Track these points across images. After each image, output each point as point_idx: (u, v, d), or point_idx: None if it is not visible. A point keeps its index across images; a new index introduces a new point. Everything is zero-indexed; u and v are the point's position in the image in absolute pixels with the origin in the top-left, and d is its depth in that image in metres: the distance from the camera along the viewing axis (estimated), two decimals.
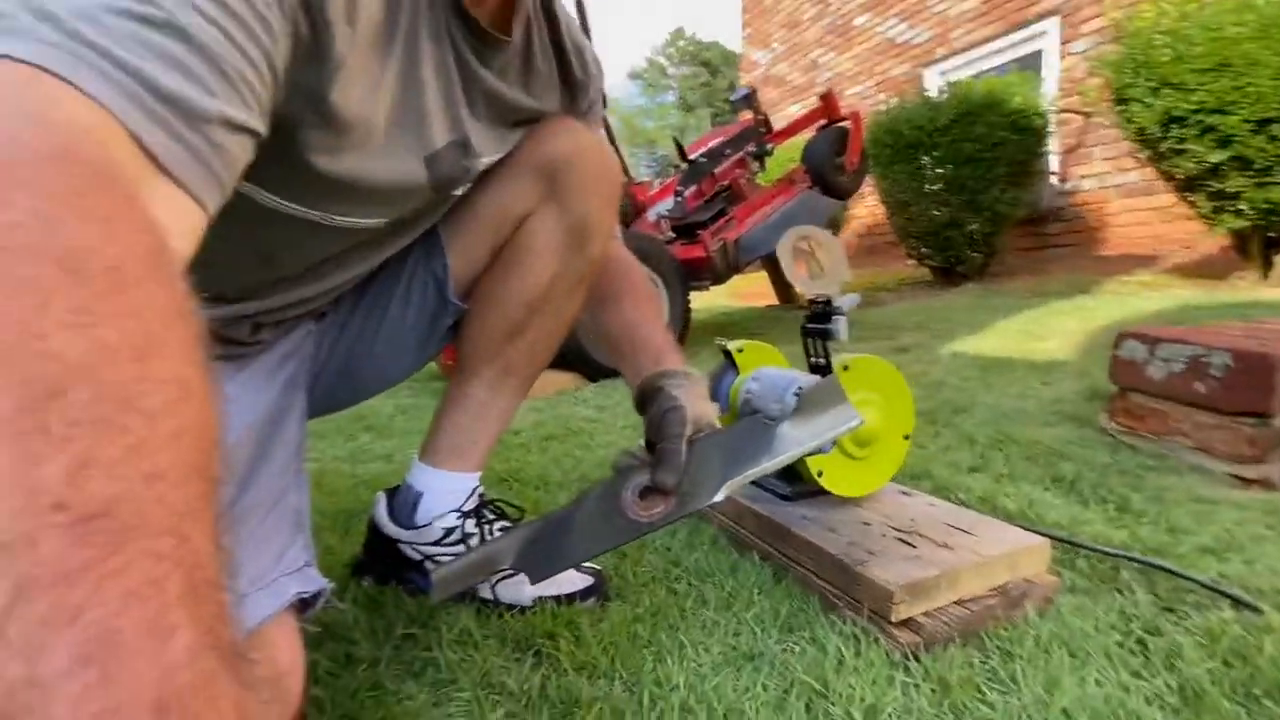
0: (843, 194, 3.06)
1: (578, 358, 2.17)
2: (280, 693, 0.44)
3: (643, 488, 0.54)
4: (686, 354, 0.75)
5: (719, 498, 0.54)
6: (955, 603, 0.65)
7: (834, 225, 5.38)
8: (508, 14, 0.57)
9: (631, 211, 2.69)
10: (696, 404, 0.61)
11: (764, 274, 4.09)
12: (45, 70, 0.26)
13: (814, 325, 0.80)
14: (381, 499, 0.76)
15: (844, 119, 3.03)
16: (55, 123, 0.25)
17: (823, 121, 3.09)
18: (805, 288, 0.79)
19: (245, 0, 0.33)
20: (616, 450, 1.36)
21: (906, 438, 0.85)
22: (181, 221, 0.30)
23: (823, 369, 0.80)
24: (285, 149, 0.44)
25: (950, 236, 3.74)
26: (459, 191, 0.64)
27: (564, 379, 2.22)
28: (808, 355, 0.83)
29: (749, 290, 5.47)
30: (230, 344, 0.59)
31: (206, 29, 0.31)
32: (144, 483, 0.17)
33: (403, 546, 0.74)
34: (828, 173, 2.92)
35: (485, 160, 0.62)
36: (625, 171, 2.62)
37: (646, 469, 0.55)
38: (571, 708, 0.53)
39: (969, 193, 3.56)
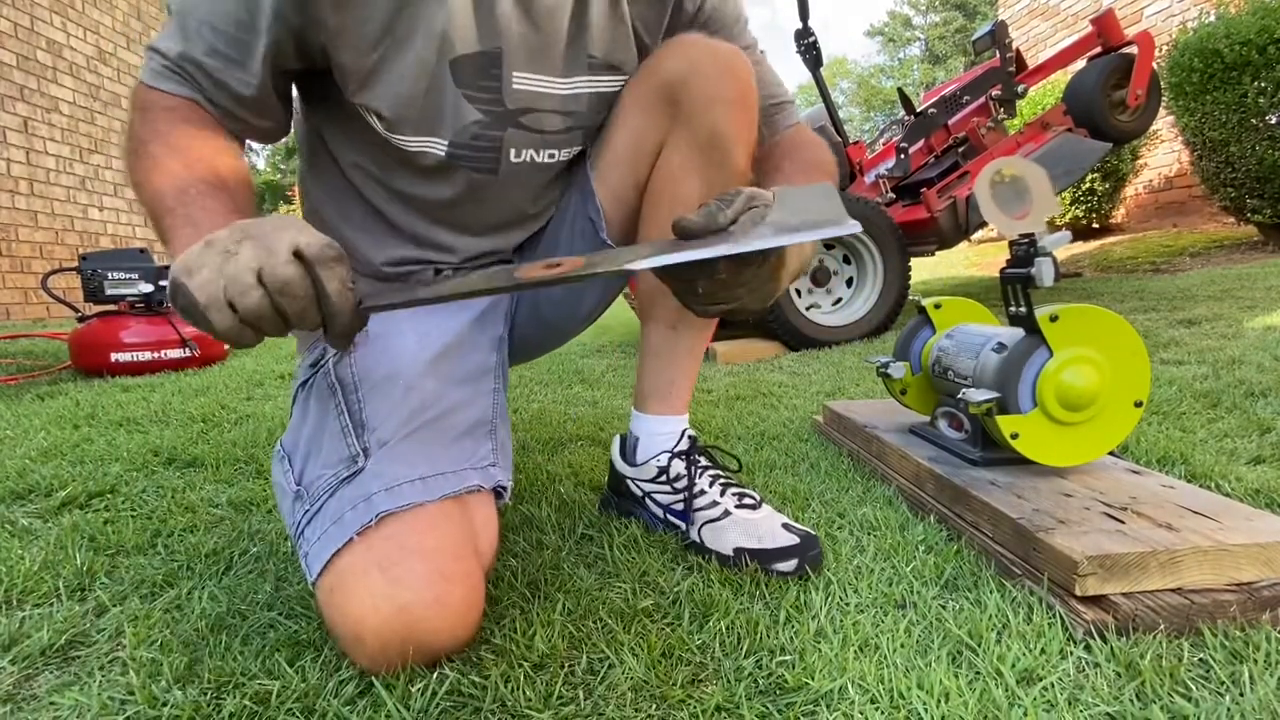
0: (1121, 136, 2.52)
1: (780, 328, 2.16)
2: (479, 545, 0.57)
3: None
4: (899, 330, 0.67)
5: (637, 266, 0.45)
6: (1172, 590, 0.55)
7: (1118, 178, 4.44)
8: None
9: (847, 174, 2.55)
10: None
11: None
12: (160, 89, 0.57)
13: (1013, 270, 0.71)
14: (617, 440, 0.82)
15: (1127, 44, 2.48)
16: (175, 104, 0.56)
17: (1095, 50, 2.56)
18: (1005, 227, 0.71)
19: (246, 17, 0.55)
20: (802, 412, 1.35)
21: (1138, 405, 0.72)
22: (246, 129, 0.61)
23: (1022, 320, 0.72)
24: (342, 101, 0.61)
25: None
26: (553, 125, 0.66)
27: (765, 348, 2.23)
28: (1006, 304, 0.74)
29: (987, 261, 4.82)
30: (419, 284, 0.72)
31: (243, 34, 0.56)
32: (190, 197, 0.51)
33: (629, 483, 0.79)
34: (1099, 110, 2.43)
35: (526, 79, 0.63)
36: (840, 132, 2.49)
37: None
38: (710, 610, 0.58)
39: None
